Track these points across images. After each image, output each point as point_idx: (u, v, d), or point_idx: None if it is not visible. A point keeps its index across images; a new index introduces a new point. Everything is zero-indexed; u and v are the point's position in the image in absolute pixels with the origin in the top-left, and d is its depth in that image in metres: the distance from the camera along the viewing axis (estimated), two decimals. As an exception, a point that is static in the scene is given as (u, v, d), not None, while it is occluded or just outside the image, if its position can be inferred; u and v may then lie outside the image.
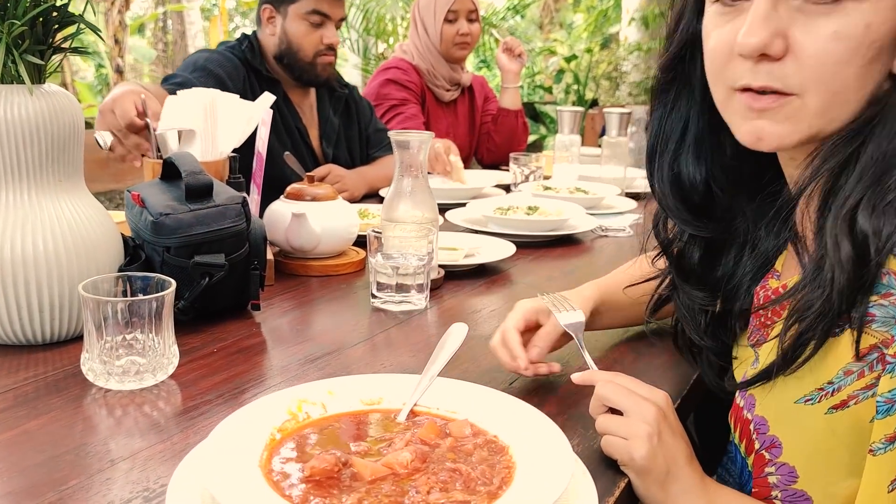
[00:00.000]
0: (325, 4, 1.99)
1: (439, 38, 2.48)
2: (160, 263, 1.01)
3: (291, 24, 1.99)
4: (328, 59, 2.04)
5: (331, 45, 2.02)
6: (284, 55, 2.02)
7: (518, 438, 0.64)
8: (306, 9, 1.98)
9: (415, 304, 1.15)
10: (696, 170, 0.82)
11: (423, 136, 1.23)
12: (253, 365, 0.94)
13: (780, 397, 0.69)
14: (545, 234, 1.62)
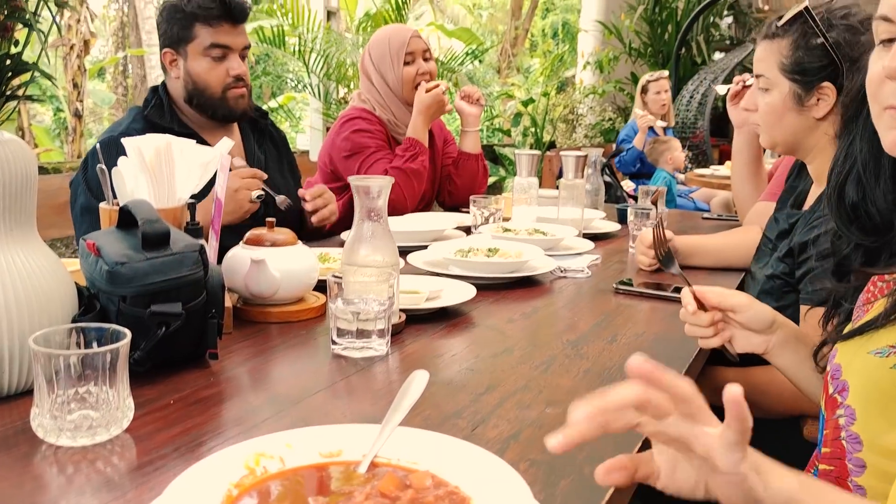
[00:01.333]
0: (223, 36, 1.90)
1: (401, 82, 2.50)
2: (116, 313, 0.99)
3: (193, 63, 1.91)
4: (239, 91, 1.95)
5: (238, 76, 1.93)
6: (193, 96, 1.93)
7: (480, 489, 0.64)
8: (205, 44, 1.90)
9: (376, 349, 1.15)
10: (855, 191, 0.94)
11: (383, 181, 1.23)
12: (210, 416, 0.92)
13: (857, 349, 0.81)
14: (506, 276, 1.63)
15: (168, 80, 1.99)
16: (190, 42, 1.91)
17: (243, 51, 1.97)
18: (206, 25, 1.89)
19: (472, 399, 0.98)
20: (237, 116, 2.02)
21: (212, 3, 1.88)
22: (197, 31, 1.90)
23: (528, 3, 12.36)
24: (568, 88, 7.79)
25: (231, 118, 2.01)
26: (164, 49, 1.96)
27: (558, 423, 0.91)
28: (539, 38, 14.39)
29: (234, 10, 1.90)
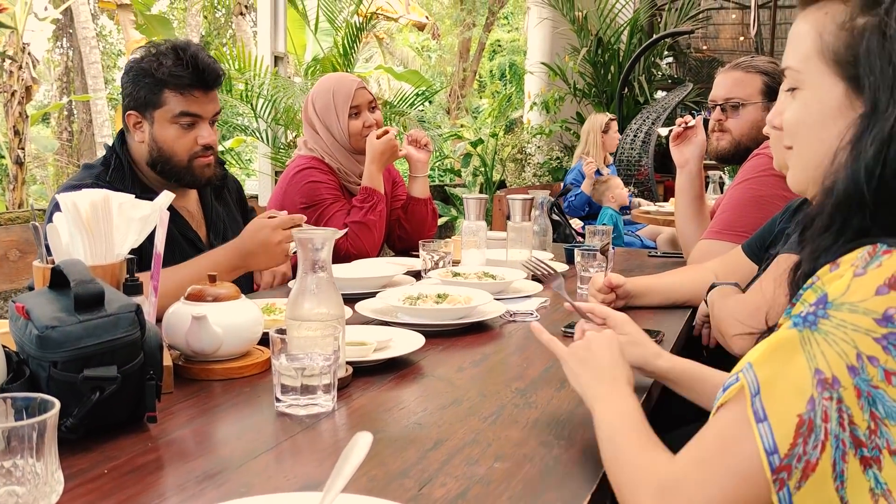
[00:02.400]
0: (193, 105, 1.81)
1: (347, 135, 2.49)
2: (46, 379, 0.95)
3: (160, 129, 1.81)
4: (205, 161, 1.87)
5: (207, 146, 1.85)
6: (157, 162, 1.84)
7: (424, 556, 0.62)
8: (174, 112, 1.80)
9: (322, 406, 1.12)
10: None
11: (326, 232, 1.22)
12: (147, 486, 0.88)
13: None
14: (455, 322, 1.62)
15: (129, 139, 1.89)
16: (158, 108, 1.81)
17: (213, 117, 1.89)
18: (177, 93, 1.80)
19: (419, 456, 0.96)
20: (201, 184, 1.94)
21: (184, 70, 1.79)
22: (166, 97, 1.80)
23: (475, 46, 12.59)
24: (516, 128, 7.90)
25: (195, 186, 1.94)
26: (128, 111, 1.85)
27: (507, 479, 0.90)
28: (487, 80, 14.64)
29: (206, 77, 1.82)
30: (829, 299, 0.72)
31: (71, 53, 13.10)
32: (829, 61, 0.84)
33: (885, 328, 0.69)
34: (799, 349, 0.72)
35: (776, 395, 0.71)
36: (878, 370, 0.69)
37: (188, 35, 12.24)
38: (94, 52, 10.61)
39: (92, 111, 11.15)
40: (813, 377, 0.70)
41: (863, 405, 0.68)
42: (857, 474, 0.68)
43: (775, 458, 0.70)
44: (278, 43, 4.95)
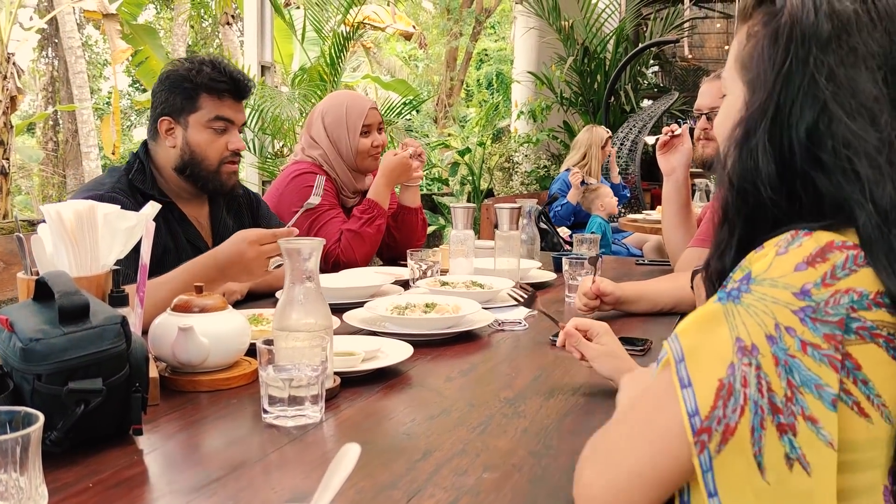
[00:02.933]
0: (227, 110, 1.92)
1: (355, 152, 2.51)
2: (30, 392, 0.94)
3: (194, 133, 1.90)
4: (233, 167, 1.97)
5: (236, 151, 1.95)
6: (187, 166, 1.92)
7: (413, 568, 0.62)
8: (209, 116, 1.90)
9: (309, 417, 1.11)
10: None
11: (313, 242, 1.22)
12: (133, 499, 0.87)
13: None
14: (443, 332, 1.62)
15: (157, 146, 1.95)
16: (193, 112, 1.90)
17: (242, 127, 1.99)
18: (213, 98, 1.90)
19: (407, 467, 0.96)
20: (226, 191, 2.01)
21: (222, 76, 1.90)
22: (203, 102, 1.90)
23: (462, 55, 12.62)
24: (503, 137, 7.93)
25: (220, 191, 2.00)
26: (161, 117, 1.92)
27: (496, 489, 0.90)
28: (474, 89, 14.68)
29: (240, 86, 1.93)
30: (753, 276, 0.76)
31: (56, 63, 13.03)
32: (739, 67, 0.90)
33: (803, 301, 0.73)
34: (723, 320, 0.76)
35: (700, 361, 0.75)
36: (794, 340, 0.72)
37: (174, 45, 12.22)
38: (80, 61, 10.57)
39: (78, 121, 11.09)
40: (734, 345, 0.74)
41: (780, 373, 0.72)
42: (774, 440, 0.71)
43: (696, 420, 0.73)
44: (265, 52, 4.95)
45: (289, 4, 6.29)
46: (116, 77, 9.09)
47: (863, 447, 0.74)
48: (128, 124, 15.28)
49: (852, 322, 0.73)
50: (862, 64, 0.81)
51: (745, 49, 0.89)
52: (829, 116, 0.80)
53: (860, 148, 0.78)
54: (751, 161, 0.82)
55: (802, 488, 0.70)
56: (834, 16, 0.82)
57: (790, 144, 0.81)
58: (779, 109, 0.82)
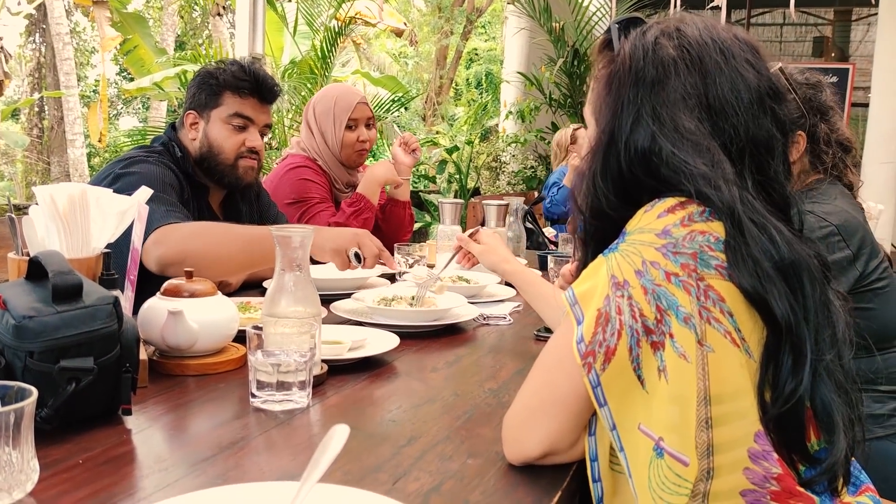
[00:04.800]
0: (247, 108, 1.98)
1: (339, 145, 2.53)
2: (22, 369, 0.95)
3: (213, 128, 1.97)
4: (250, 163, 2.01)
5: (253, 149, 2.00)
6: (205, 158, 1.98)
7: (399, 543, 0.64)
8: (228, 112, 1.96)
9: (296, 402, 1.13)
10: None
11: (304, 231, 1.23)
12: (122, 476, 0.88)
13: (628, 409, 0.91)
14: (429, 324, 1.64)
15: (182, 138, 2.02)
16: (215, 108, 1.98)
17: (263, 128, 2.04)
18: (235, 95, 1.97)
19: (393, 451, 0.98)
20: (241, 186, 2.05)
21: (246, 75, 1.97)
22: (225, 98, 1.97)
23: (452, 53, 12.63)
24: (491, 137, 7.95)
25: (236, 186, 2.05)
26: (188, 111, 2.02)
27: (480, 475, 0.92)
28: (463, 88, 14.69)
29: (262, 88, 2.00)
30: (626, 230, 0.93)
31: (43, 49, 12.91)
32: (590, 106, 1.05)
33: (664, 239, 0.88)
34: (603, 265, 0.91)
35: (588, 300, 0.90)
36: (659, 272, 0.87)
37: (163, 34, 12.14)
38: (68, 48, 10.48)
39: (64, 108, 10.99)
40: (609, 281, 0.89)
41: (650, 300, 0.86)
42: (649, 356, 0.85)
43: (582, 345, 0.87)
44: (256, 44, 4.94)
45: (281, -3, 6.29)
46: (105, 65, 9.02)
47: (732, 395, 0.85)
48: (114, 113, 15.17)
49: (709, 258, 0.87)
50: (682, 103, 0.95)
51: (592, 90, 1.04)
52: (658, 147, 0.93)
53: (689, 170, 0.91)
54: (595, 187, 0.98)
55: (665, 394, 0.84)
56: (658, 62, 0.96)
57: (629, 168, 0.96)
58: (613, 141, 0.97)
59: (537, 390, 0.94)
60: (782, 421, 0.86)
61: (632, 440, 0.86)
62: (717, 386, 0.84)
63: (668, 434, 0.83)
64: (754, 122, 0.96)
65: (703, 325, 0.85)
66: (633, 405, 0.86)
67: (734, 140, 0.95)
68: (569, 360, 0.88)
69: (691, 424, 0.83)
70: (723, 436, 0.85)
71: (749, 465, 0.84)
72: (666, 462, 0.83)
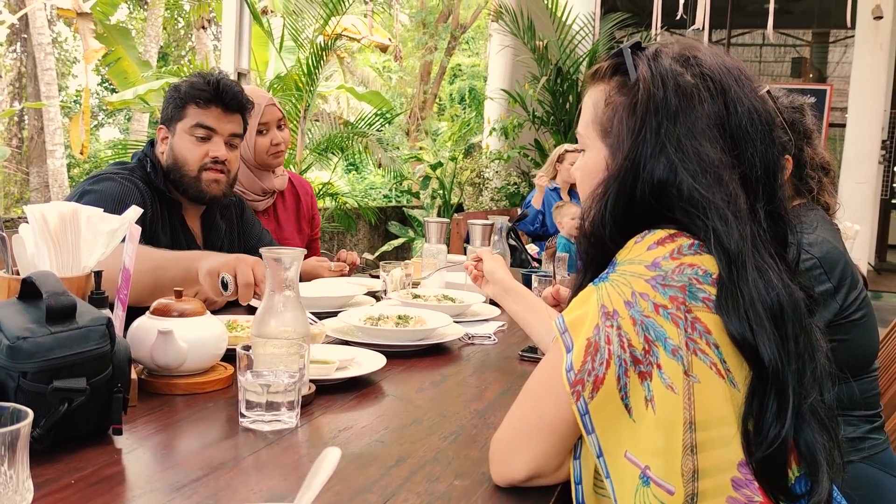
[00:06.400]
0: (209, 118, 1.96)
1: (253, 152, 2.47)
2: (15, 389, 0.96)
3: (178, 140, 1.98)
4: (213, 175, 1.98)
5: (216, 159, 1.97)
6: (171, 170, 1.98)
7: (391, 565, 0.65)
8: (191, 123, 1.96)
9: (285, 422, 1.14)
10: None
11: (294, 252, 1.25)
12: (114, 497, 0.90)
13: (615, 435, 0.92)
14: (415, 343, 1.66)
15: (155, 153, 2.03)
16: (180, 120, 1.98)
17: (231, 138, 2.01)
18: (196, 106, 1.96)
19: (382, 473, 1.00)
20: (206, 200, 2.02)
21: (206, 85, 1.96)
22: (188, 110, 1.97)
23: (436, 69, 12.72)
24: (475, 153, 8.00)
25: (201, 200, 2.02)
26: (159, 125, 2.04)
27: (467, 496, 0.94)
28: (447, 102, 14.77)
29: (224, 96, 1.97)
30: (616, 260, 0.94)
31: (24, 59, 12.83)
32: (599, 129, 1.03)
33: (654, 272, 0.89)
34: (593, 294, 0.92)
35: (577, 328, 0.91)
36: (648, 303, 0.88)
37: (146, 46, 12.11)
38: (49, 58, 10.43)
39: (44, 118, 10.91)
40: (599, 310, 0.90)
41: (638, 331, 0.87)
42: (637, 386, 0.87)
43: (571, 374, 0.89)
44: (242, 59, 4.96)
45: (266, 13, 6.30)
46: (88, 76, 8.99)
47: (717, 422, 0.86)
48: (95, 124, 15.09)
49: (697, 291, 0.88)
50: (707, 132, 0.94)
51: (603, 114, 1.02)
52: (679, 179, 0.93)
53: (708, 205, 0.91)
54: (603, 215, 0.98)
55: (652, 422, 0.86)
56: (679, 91, 0.95)
57: (642, 198, 0.95)
58: (633, 171, 0.95)
59: (525, 415, 0.96)
60: (766, 462, 0.87)
61: (618, 467, 0.87)
62: (702, 414, 0.87)
63: (654, 461, 0.85)
64: (766, 150, 0.96)
65: (689, 357, 0.86)
66: (620, 433, 0.87)
67: (753, 169, 0.95)
68: (558, 387, 0.90)
69: (677, 452, 0.85)
70: (707, 461, 0.87)
71: (732, 493, 0.87)
72: (652, 490, 0.85)
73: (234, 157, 2.03)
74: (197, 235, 2.08)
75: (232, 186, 2.08)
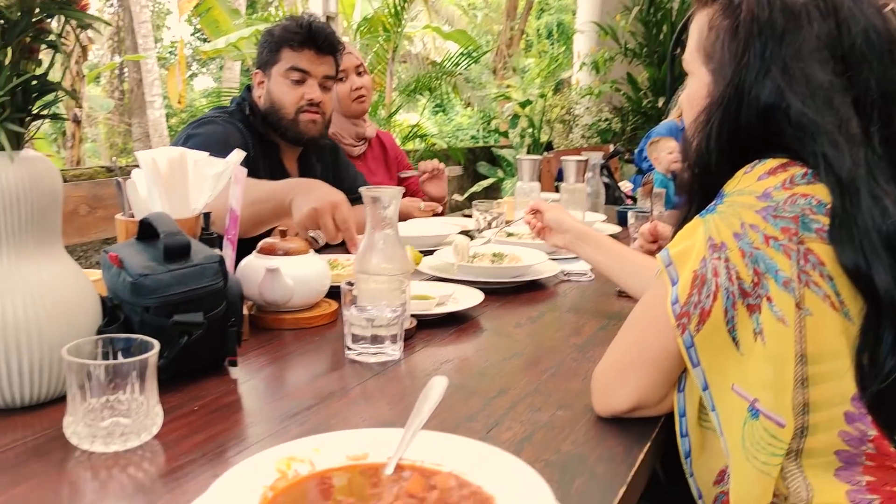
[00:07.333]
0: (303, 61, 2.01)
1: (336, 98, 2.53)
2: (139, 323, 1.02)
3: (274, 84, 2.03)
4: (310, 116, 2.04)
5: (312, 101, 2.03)
6: (269, 114, 2.04)
7: (501, 488, 0.67)
8: (286, 66, 2.01)
9: (389, 354, 1.18)
10: None
11: (393, 191, 1.27)
12: (234, 423, 0.95)
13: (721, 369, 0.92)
14: (511, 280, 1.66)
15: (253, 98, 2.10)
16: (275, 64, 2.03)
17: (324, 80, 2.06)
18: (291, 50, 2.01)
19: (484, 403, 1.02)
20: (304, 141, 2.09)
21: (298, 28, 2.00)
22: (283, 54, 2.02)
23: (522, 4, 12.41)
24: (564, 89, 7.82)
25: (299, 141, 2.09)
26: (255, 70, 2.11)
27: (570, 425, 0.95)
28: (534, 39, 14.44)
29: (317, 38, 2.01)
30: (724, 192, 0.92)
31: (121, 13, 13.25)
32: (703, 56, 1.00)
33: (765, 202, 0.87)
34: (700, 226, 0.90)
35: (683, 261, 0.90)
36: (758, 235, 0.86)
37: (235, -5, 12.28)
38: (145, 11, 10.74)
39: (142, 70, 11.30)
40: (706, 243, 0.88)
41: (747, 263, 0.85)
42: (745, 319, 0.86)
43: (676, 307, 0.88)
44: (329, 3, 4.98)
45: (352, -46, 6.29)
46: (182, 27, 9.21)
47: (830, 355, 0.85)
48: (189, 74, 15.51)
49: (811, 222, 0.85)
50: (816, 54, 0.90)
51: (707, 39, 0.99)
52: (786, 103, 0.89)
53: (817, 129, 0.87)
54: (707, 143, 0.95)
55: (760, 355, 0.84)
56: (786, 10, 0.91)
57: (747, 124, 0.92)
58: (737, 96, 0.92)
59: (628, 347, 0.97)
60: (881, 395, 0.85)
61: (725, 401, 0.86)
62: (813, 347, 0.85)
63: (764, 394, 0.84)
64: (885, 73, 0.91)
65: (801, 289, 0.84)
66: (727, 366, 0.86)
67: (867, 93, 0.90)
68: (662, 319, 0.89)
69: (788, 385, 0.84)
70: (819, 394, 0.85)
71: (844, 426, 0.85)
72: (761, 423, 0.84)
73: (328, 99, 2.08)
74: (294, 177, 2.13)
75: (327, 128, 2.13)
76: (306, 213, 1.51)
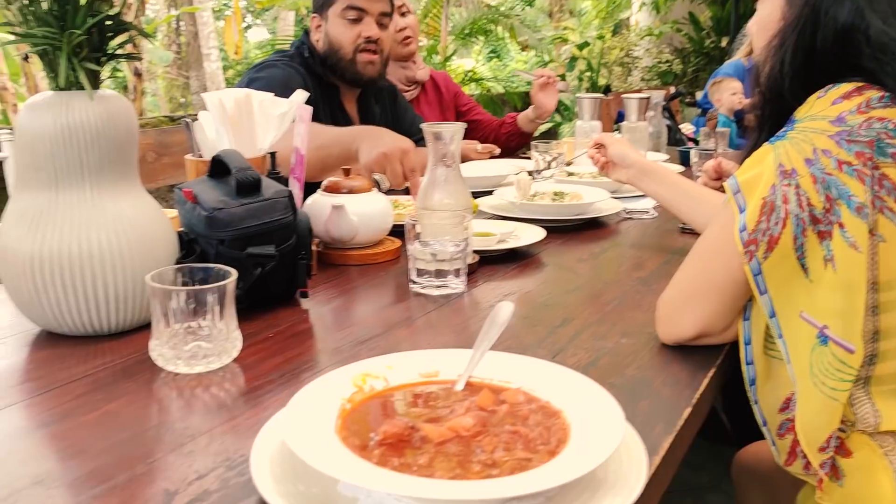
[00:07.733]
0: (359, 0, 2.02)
1: None
2: (214, 255, 1.06)
3: (332, 25, 2.05)
4: (368, 57, 2.04)
5: (369, 39, 2.03)
6: (328, 56, 2.06)
7: (569, 403, 0.69)
8: (342, 6, 2.03)
9: (453, 288, 1.20)
10: None
11: (454, 126, 1.28)
12: (307, 348, 0.99)
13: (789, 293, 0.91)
14: (572, 218, 1.66)
15: (311, 41, 2.11)
16: (331, 6, 2.05)
17: (381, 17, 2.07)
18: None
19: (548, 331, 1.04)
20: (363, 82, 2.11)
21: None
22: None
23: (579, -56, 12.03)
24: (623, 31, 7.62)
25: (357, 82, 2.11)
26: (312, 14, 2.13)
27: (634, 352, 0.97)
28: (592, -20, 14.01)
29: None
30: (795, 118, 0.91)
31: (176, -35, 13.31)
32: None
33: (839, 127, 0.85)
34: (770, 153, 0.89)
35: (751, 188, 0.88)
36: (831, 160, 0.85)
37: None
38: (200, -38, 10.77)
39: (198, 23, 11.39)
40: (776, 169, 0.87)
41: (818, 189, 0.84)
42: (815, 245, 0.84)
43: (744, 234, 0.87)
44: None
45: None
46: (236, -23, 9.22)
47: None
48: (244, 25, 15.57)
49: (886, 146, 0.84)
50: None
51: None
52: (866, 23, 0.88)
53: None
54: (781, 68, 0.94)
55: (831, 282, 0.83)
56: None
57: (823, 46, 0.91)
58: (813, 17, 0.91)
59: (694, 275, 0.96)
60: None
61: (792, 327, 0.86)
62: (886, 274, 0.84)
63: (833, 321, 0.83)
64: None
65: (875, 215, 0.83)
66: (795, 293, 0.86)
67: None
68: (729, 247, 0.89)
69: (859, 312, 0.83)
70: (889, 322, 0.84)
71: None
72: (830, 349, 0.83)
73: (385, 36, 2.08)
74: (354, 119, 2.16)
75: (385, 66, 2.13)
76: (375, 158, 1.52)
